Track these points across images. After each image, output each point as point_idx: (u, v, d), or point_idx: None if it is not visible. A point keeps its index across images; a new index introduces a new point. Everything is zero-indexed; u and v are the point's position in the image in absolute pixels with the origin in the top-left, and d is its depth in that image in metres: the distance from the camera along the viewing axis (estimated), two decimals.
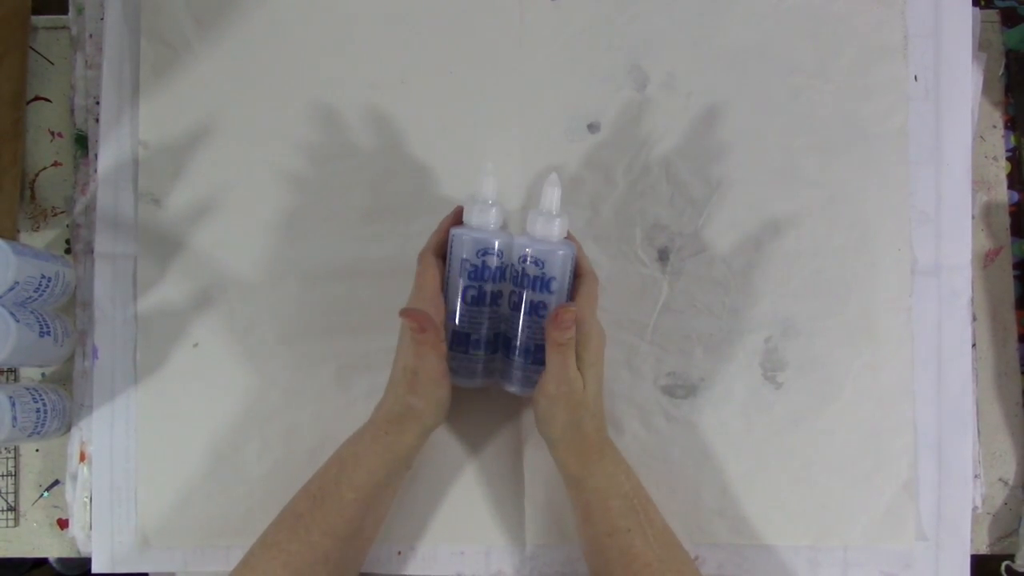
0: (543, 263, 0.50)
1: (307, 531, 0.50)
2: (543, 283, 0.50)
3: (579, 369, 0.49)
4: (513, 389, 0.54)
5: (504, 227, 0.52)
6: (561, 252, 0.50)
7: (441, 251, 0.53)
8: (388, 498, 0.54)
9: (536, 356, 0.52)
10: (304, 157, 0.62)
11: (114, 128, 0.62)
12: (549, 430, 0.51)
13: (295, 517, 0.51)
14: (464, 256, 0.51)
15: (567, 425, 0.50)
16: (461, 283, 0.51)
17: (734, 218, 0.61)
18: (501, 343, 0.54)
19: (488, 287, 0.51)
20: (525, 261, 0.50)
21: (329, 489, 0.51)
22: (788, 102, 0.62)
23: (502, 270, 0.51)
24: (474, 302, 0.51)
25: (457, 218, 0.53)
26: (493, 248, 0.51)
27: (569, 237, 0.53)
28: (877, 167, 0.62)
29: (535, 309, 0.51)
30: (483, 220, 0.51)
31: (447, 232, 0.53)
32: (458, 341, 0.52)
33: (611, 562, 0.50)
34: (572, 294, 0.52)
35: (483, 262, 0.50)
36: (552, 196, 0.50)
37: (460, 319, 0.52)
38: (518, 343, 0.52)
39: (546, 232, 0.50)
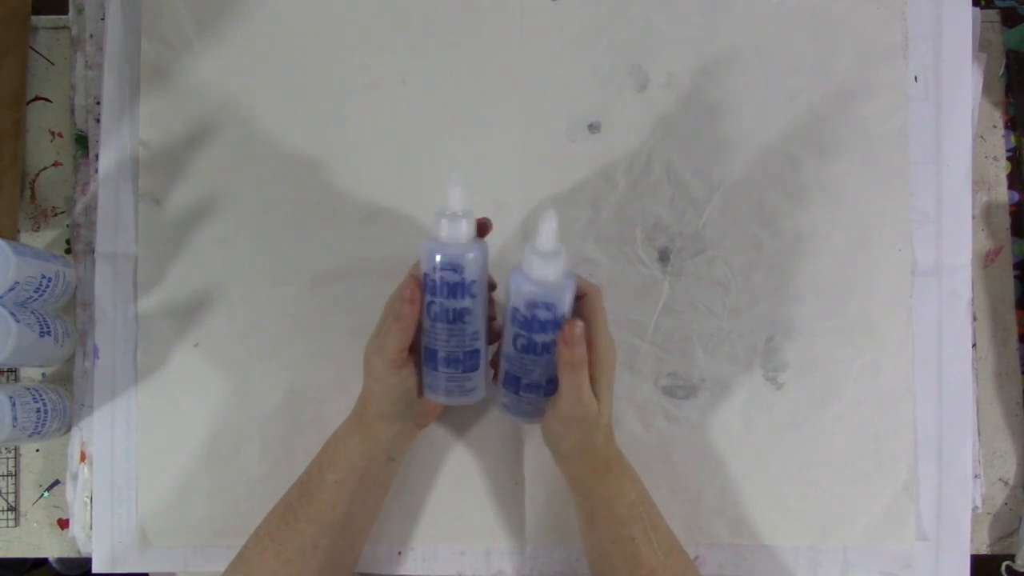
0: (554, 306, 0.47)
1: (295, 519, 0.51)
2: (555, 324, 0.47)
3: (595, 392, 0.48)
4: (522, 421, 0.53)
5: (475, 239, 0.48)
6: (569, 290, 0.47)
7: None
8: (374, 489, 0.54)
9: (548, 388, 0.50)
10: (304, 157, 0.62)
11: (115, 128, 0.62)
12: (559, 447, 0.50)
13: (285, 506, 0.52)
14: (426, 271, 0.48)
15: (577, 445, 0.50)
16: (426, 297, 0.48)
17: (735, 218, 0.61)
18: (508, 382, 0.51)
19: (450, 304, 0.48)
20: (535, 307, 0.47)
21: (313, 474, 0.52)
22: (788, 102, 0.62)
23: (464, 286, 0.48)
24: (437, 318, 0.48)
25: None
26: (453, 264, 0.47)
27: None
28: (877, 167, 0.62)
29: (547, 348, 0.48)
30: (451, 234, 0.47)
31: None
32: (428, 357, 0.50)
33: (616, 568, 0.50)
34: (577, 314, 0.50)
35: (440, 277, 0.47)
36: (550, 232, 0.46)
37: (427, 335, 0.49)
38: (529, 381, 0.50)
39: (551, 273, 0.47)
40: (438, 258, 0.47)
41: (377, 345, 0.49)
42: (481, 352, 0.51)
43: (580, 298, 0.50)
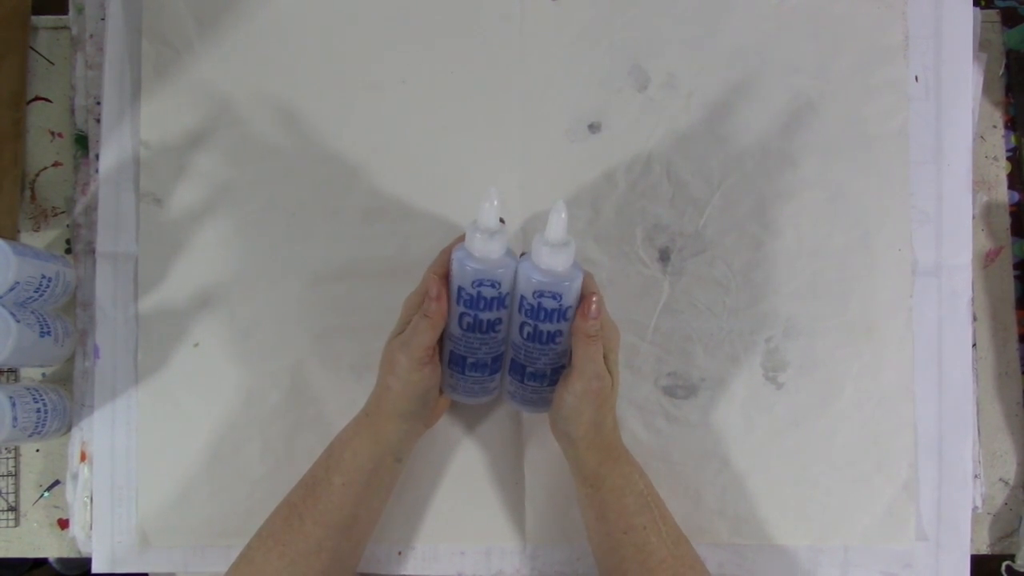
0: (560, 296, 0.48)
1: (300, 520, 0.50)
2: (561, 314, 0.49)
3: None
4: (526, 410, 0.54)
5: (508, 252, 0.49)
6: (576, 281, 0.48)
7: (445, 270, 0.51)
8: (380, 491, 0.54)
9: (552, 378, 0.52)
10: (304, 157, 0.62)
11: (115, 128, 0.62)
12: (574, 428, 0.51)
13: (289, 507, 0.52)
14: (460, 285, 0.49)
15: (591, 423, 0.50)
16: (458, 309, 0.49)
17: (735, 218, 0.61)
18: (513, 370, 0.52)
19: (484, 316, 0.49)
20: (542, 296, 0.48)
21: (319, 476, 0.52)
22: (788, 102, 0.62)
23: (500, 299, 0.49)
24: (469, 328, 0.50)
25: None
26: (491, 280, 0.48)
27: None
28: (877, 167, 0.62)
29: (552, 338, 0.50)
30: (484, 249, 0.47)
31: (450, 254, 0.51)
32: (454, 362, 0.51)
33: (626, 559, 0.50)
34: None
35: (479, 292, 0.48)
36: (560, 224, 0.47)
37: (456, 342, 0.50)
38: (534, 370, 0.51)
39: (561, 263, 0.47)
40: (476, 274, 0.48)
41: (402, 342, 0.50)
42: (505, 353, 0.52)
43: None
